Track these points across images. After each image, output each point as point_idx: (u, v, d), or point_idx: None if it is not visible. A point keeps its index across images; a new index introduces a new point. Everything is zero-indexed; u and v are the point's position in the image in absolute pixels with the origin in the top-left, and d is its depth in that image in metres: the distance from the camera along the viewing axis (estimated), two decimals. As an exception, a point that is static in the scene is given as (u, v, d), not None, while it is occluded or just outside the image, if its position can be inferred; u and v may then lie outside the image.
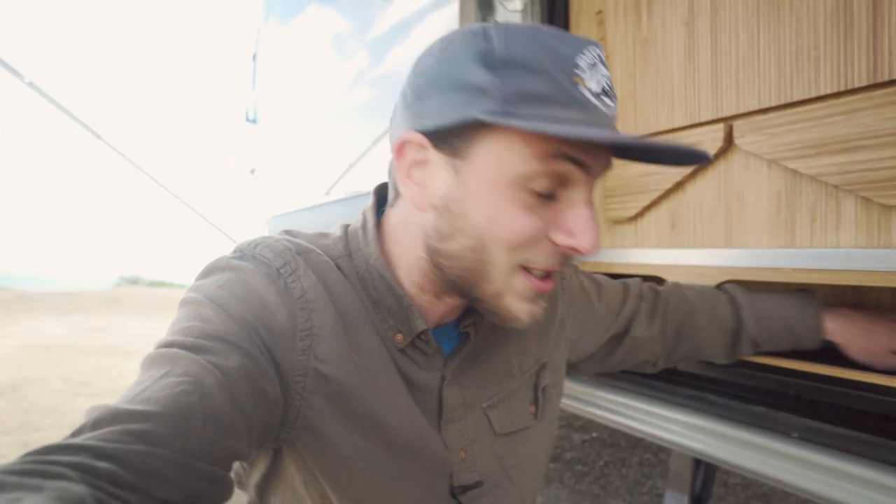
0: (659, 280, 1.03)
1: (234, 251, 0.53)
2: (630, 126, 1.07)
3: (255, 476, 0.59)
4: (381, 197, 0.59)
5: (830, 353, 0.79)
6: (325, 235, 0.58)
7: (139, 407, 0.38)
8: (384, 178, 0.59)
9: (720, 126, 0.90)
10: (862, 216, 0.74)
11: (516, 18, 1.29)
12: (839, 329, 0.78)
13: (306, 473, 0.55)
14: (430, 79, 0.49)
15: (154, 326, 6.42)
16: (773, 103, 0.83)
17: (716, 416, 0.88)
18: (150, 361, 0.44)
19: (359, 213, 0.60)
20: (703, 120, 0.94)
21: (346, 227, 0.59)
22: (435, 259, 0.51)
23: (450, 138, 0.47)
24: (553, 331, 0.70)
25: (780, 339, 0.81)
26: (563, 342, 0.74)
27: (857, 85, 0.72)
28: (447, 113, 0.47)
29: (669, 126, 0.99)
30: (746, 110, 0.87)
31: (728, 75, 0.90)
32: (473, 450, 0.60)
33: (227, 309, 0.47)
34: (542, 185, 0.46)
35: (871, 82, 0.71)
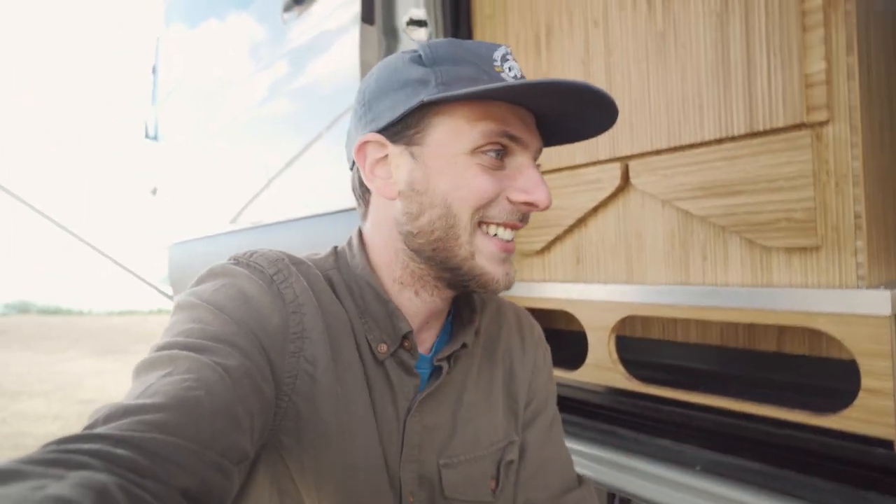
0: (567, 315, 1.04)
1: (230, 259, 0.56)
2: (535, 161, 1.08)
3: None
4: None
5: (727, 385, 0.82)
6: (315, 253, 0.63)
7: (149, 400, 0.39)
8: (292, 208, 0.61)
9: (617, 165, 0.93)
10: (746, 256, 0.78)
11: (421, 48, 1.28)
12: None
13: (280, 486, 0.54)
14: (374, 90, 0.56)
15: (47, 361, 5.76)
16: (663, 146, 0.86)
17: (625, 449, 0.90)
18: (149, 364, 0.44)
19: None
20: (601, 158, 0.96)
21: (336, 247, 0.64)
22: (410, 243, 0.56)
23: (404, 130, 0.54)
24: (521, 409, 0.68)
25: None
26: (533, 415, 0.69)
27: (736, 133, 0.77)
28: (398, 107, 0.54)
29: (571, 163, 1.01)
30: (640, 151, 0.90)
31: (623, 116, 0.92)
32: (419, 497, 0.59)
33: (225, 311, 0.49)
34: (491, 153, 0.53)
35: (749, 131, 0.75)
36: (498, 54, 0.55)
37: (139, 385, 0.41)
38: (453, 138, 0.53)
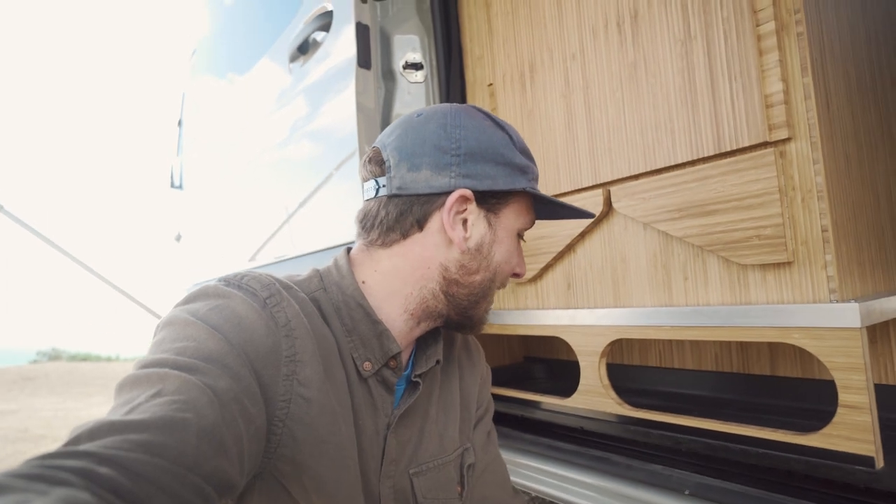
0: (567, 345, 1.04)
1: (221, 280, 0.56)
2: (523, 191, 1.11)
3: None
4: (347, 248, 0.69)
5: (717, 408, 0.81)
6: (296, 275, 0.64)
7: (135, 418, 0.38)
8: (309, 241, 0.60)
9: (599, 191, 0.95)
10: (724, 275, 0.78)
11: (418, 90, 1.34)
12: None
13: None
14: (472, 149, 0.59)
15: (73, 407, 5.85)
16: (641, 170, 0.88)
17: (619, 476, 0.88)
18: (136, 381, 0.43)
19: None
20: (584, 185, 0.98)
21: (317, 269, 0.65)
22: (450, 288, 0.61)
23: (489, 198, 0.61)
24: (473, 414, 0.73)
25: None
26: (476, 420, 0.75)
27: (705, 154, 0.78)
28: (499, 181, 0.60)
29: (556, 191, 1.03)
30: (620, 176, 0.92)
31: (602, 144, 0.95)
32: None
33: (219, 331, 0.48)
34: (521, 238, 0.65)
35: (717, 152, 0.77)
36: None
37: (126, 402, 0.41)
38: (515, 219, 0.63)
